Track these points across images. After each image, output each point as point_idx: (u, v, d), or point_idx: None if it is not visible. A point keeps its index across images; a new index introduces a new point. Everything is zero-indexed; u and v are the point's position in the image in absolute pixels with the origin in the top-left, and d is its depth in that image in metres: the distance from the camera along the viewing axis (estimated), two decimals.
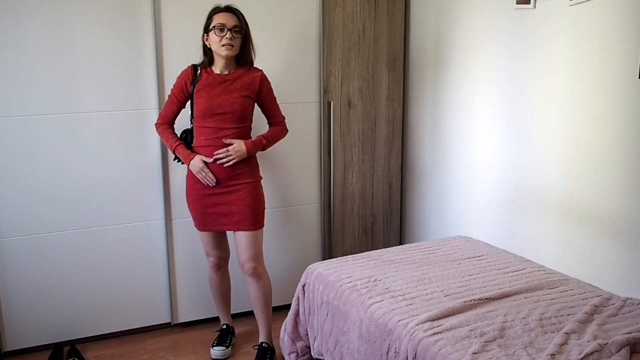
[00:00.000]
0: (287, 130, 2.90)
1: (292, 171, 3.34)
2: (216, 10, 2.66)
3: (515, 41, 2.73)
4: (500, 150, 2.90)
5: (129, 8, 2.87)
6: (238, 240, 2.78)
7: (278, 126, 2.85)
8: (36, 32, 2.73)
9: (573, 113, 2.49)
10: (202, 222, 2.79)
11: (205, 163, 2.68)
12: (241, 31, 2.64)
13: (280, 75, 3.18)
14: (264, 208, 2.83)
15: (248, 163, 2.75)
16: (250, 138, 2.79)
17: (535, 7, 2.61)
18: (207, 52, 2.72)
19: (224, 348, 2.94)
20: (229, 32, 2.60)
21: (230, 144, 2.67)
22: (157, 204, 3.09)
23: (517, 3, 2.68)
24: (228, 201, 2.72)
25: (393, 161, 3.57)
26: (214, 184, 2.69)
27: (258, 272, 2.80)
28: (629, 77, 2.23)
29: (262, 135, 2.78)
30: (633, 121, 2.24)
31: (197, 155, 2.69)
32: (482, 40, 2.94)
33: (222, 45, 2.60)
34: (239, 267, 2.89)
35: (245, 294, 3.15)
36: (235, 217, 2.73)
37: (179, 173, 3.03)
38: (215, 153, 2.66)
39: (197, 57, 2.92)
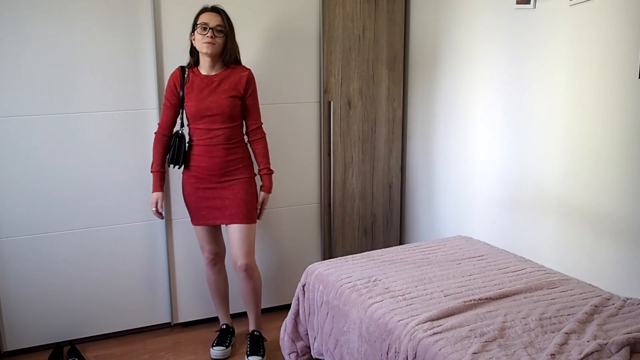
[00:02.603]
0: (265, 134, 2.90)
1: (292, 171, 3.34)
2: (202, 10, 2.71)
3: (515, 41, 2.73)
4: (500, 150, 2.90)
5: (129, 8, 2.87)
6: (231, 235, 2.82)
7: (261, 141, 2.86)
8: (36, 32, 2.73)
9: (573, 113, 2.49)
10: (196, 215, 2.84)
11: (157, 202, 2.82)
12: (223, 30, 2.67)
13: (280, 75, 3.18)
14: (256, 204, 2.88)
15: (241, 161, 2.80)
16: (244, 135, 2.84)
17: (535, 7, 2.61)
18: (194, 52, 2.76)
19: (223, 348, 2.94)
20: (211, 30, 2.64)
21: (262, 201, 2.88)
22: None
23: (517, 3, 2.68)
24: (221, 195, 2.78)
25: (393, 161, 3.57)
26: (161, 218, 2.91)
27: (250, 268, 2.85)
28: (629, 77, 2.23)
29: (265, 166, 2.86)
30: (633, 121, 2.24)
31: (157, 194, 2.82)
32: (482, 40, 2.94)
33: (203, 43, 2.65)
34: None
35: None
36: (228, 210, 2.79)
37: (178, 173, 3.02)
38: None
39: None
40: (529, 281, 2.46)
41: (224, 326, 3.05)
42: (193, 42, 2.72)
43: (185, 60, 2.95)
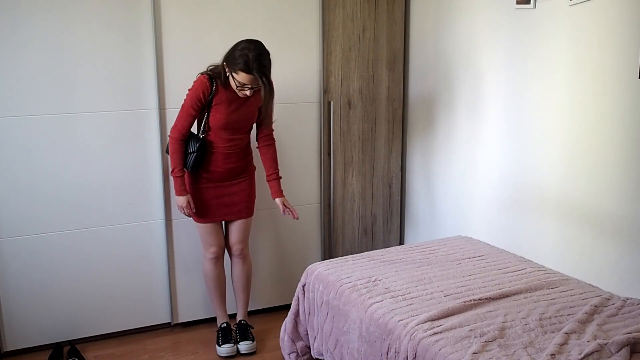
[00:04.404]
0: (275, 140, 2.99)
1: (292, 171, 3.34)
2: (245, 67, 2.55)
3: (515, 41, 2.73)
4: (500, 150, 2.90)
5: (129, 8, 2.87)
6: (233, 226, 2.97)
7: (272, 146, 2.96)
8: (36, 32, 2.73)
9: (573, 113, 2.49)
10: (205, 213, 2.88)
11: (190, 203, 2.81)
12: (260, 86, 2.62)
13: (280, 75, 3.16)
14: (255, 196, 3.02)
15: (248, 159, 2.93)
16: (250, 139, 2.91)
17: (535, 7, 2.61)
18: (224, 73, 2.67)
19: (232, 344, 2.96)
20: (250, 90, 2.63)
21: (286, 205, 2.96)
22: (157, 204, 3.09)
23: (517, 3, 2.68)
24: (231, 192, 2.88)
25: (393, 161, 3.57)
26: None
27: (245, 253, 3.02)
28: (629, 77, 2.23)
29: (275, 171, 2.95)
30: (633, 121, 2.24)
31: (186, 197, 2.80)
32: (482, 40, 2.94)
33: (240, 92, 2.65)
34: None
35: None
36: (236, 206, 2.90)
37: None
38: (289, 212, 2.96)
39: (197, 57, 2.93)
40: (529, 281, 2.46)
41: (225, 324, 3.05)
42: (227, 71, 2.63)
43: (184, 59, 2.96)
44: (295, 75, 3.24)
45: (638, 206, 2.26)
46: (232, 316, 3.21)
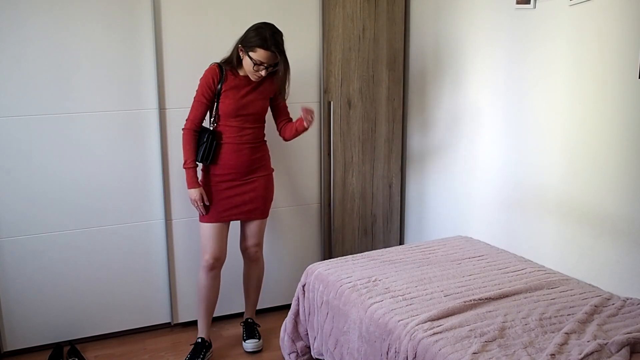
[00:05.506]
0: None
1: (292, 171, 3.34)
2: (263, 43, 2.60)
3: (515, 41, 2.73)
4: (501, 150, 2.90)
5: (129, 7, 2.87)
6: (247, 227, 2.95)
7: (290, 120, 2.96)
8: (36, 32, 2.73)
9: (573, 113, 2.49)
10: (213, 211, 2.82)
11: (202, 197, 2.78)
12: (275, 65, 2.68)
13: None
14: (272, 198, 2.99)
15: (264, 157, 2.90)
16: (264, 135, 2.90)
17: (535, 7, 2.61)
18: (236, 58, 2.71)
19: None
20: (265, 69, 2.66)
21: (311, 110, 2.76)
22: (157, 204, 3.09)
23: (517, 3, 2.68)
24: (243, 191, 2.84)
25: (393, 161, 3.57)
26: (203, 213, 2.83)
27: (259, 255, 3.02)
28: (629, 77, 2.24)
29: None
30: (633, 121, 2.24)
31: (199, 189, 2.77)
32: (482, 40, 2.94)
33: (255, 74, 2.67)
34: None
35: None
36: (247, 206, 2.86)
37: (178, 173, 3.02)
38: (309, 117, 2.75)
39: (197, 57, 2.93)
40: (529, 281, 2.46)
41: (200, 340, 2.92)
42: (241, 56, 2.67)
43: (184, 59, 2.96)
44: (295, 75, 3.22)
45: (638, 206, 2.26)
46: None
